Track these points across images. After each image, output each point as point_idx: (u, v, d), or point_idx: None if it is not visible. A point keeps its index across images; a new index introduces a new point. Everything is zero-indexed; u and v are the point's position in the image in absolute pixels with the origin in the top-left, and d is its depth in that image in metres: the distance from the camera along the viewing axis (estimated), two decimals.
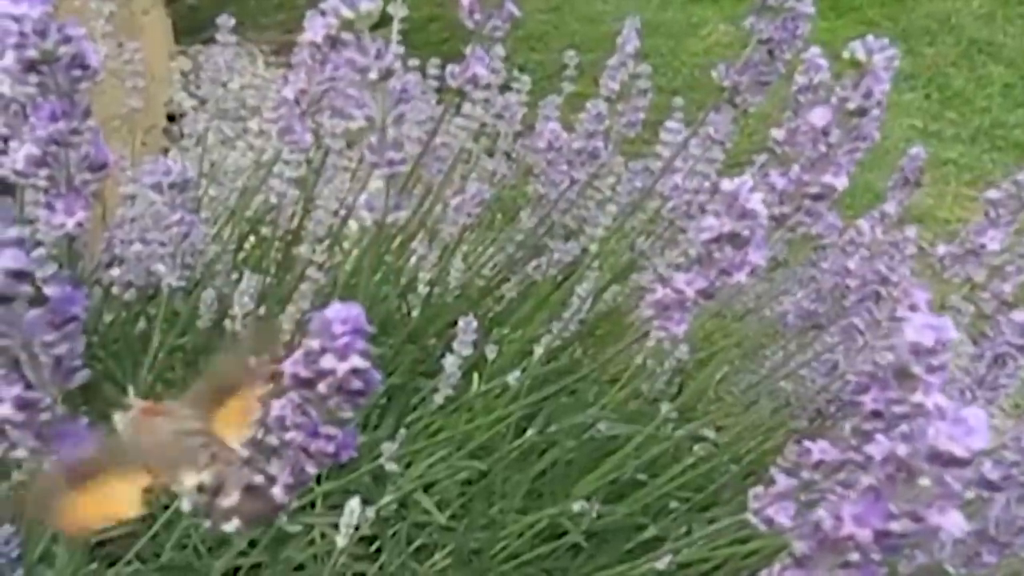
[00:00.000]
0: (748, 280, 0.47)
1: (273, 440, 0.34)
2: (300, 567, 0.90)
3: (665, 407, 0.99)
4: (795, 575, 0.33)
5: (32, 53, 0.33)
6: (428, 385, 1.02)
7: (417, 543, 0.93)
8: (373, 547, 0.96)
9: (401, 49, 0.88)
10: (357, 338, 0.30)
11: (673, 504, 1.06)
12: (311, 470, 0.35)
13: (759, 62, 0.65)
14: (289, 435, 0.33)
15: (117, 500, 0.35)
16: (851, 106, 0.46)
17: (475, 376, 0.96)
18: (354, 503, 0.56)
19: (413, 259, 1.09)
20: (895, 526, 0.29)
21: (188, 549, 0.81)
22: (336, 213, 0.83)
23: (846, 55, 0.47)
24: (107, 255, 0.91)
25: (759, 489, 0.49)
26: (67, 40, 0.33)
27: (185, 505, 0.36)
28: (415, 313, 0.98)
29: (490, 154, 1.14)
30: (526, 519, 0.89)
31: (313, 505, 0.91)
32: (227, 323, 0.80)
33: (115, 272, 0.84)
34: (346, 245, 1.06)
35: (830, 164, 0.46)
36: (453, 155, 1.03)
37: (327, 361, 0.30)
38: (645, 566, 0.78)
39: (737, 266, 0.44)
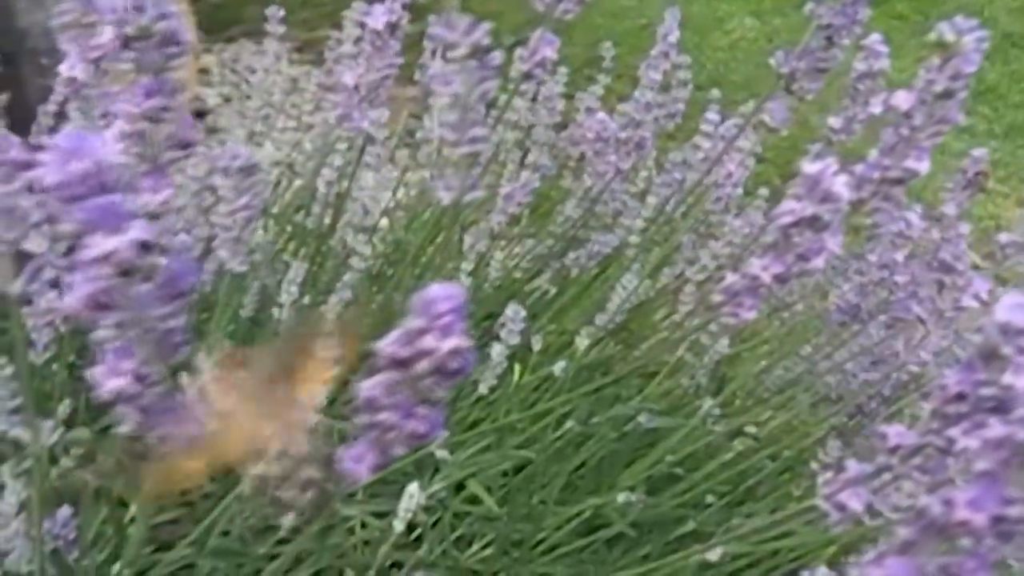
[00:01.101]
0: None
1: (364, 420, 0.34)
2: (340, 555, 0.91)
3: (708, 402, 0.99)
4: (895, 562, 0.33)
5: (129, 29, 0.33)
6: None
7: (457, 533, 0.93)
8: (412, 536, 0.97)
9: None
10: (458, 318, 0.30)
11: (709, 499, 1.06)
12: (399, 451, 0.35)
13: (817, 48, 0.64)
14: (381, 416, 0.33)
15: (191, 464, 0.34)
16: (937, 88, 0.45)
17: (515, 368, 0.96)
18: (413, 487, 0.55)
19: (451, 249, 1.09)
20: (1012, 511, 0.28)
21: (234, 535, 0.82)
22: (381, 202, 0.83)
23: (932, 36, 0.46)
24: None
25: (828, 475, 0.48)
26: (163, 17, 0.33)
27: (244, 487, 0.35)
28: None
29: (520, 145, 1.13)
30: (570, 510, 0.88)
31: (352, 495, 0.92)
32: (274, 311, 0.80)
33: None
34: (374, 239, 1.07)
35: (912, 148, 0.46)
36: (492, 145, 1.03)
37: (428, 341, 0.30)
38: (693, 558, 0.78)
39: (815, 251, 0.43)
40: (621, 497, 0.83)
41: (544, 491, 0.97)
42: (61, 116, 1.24)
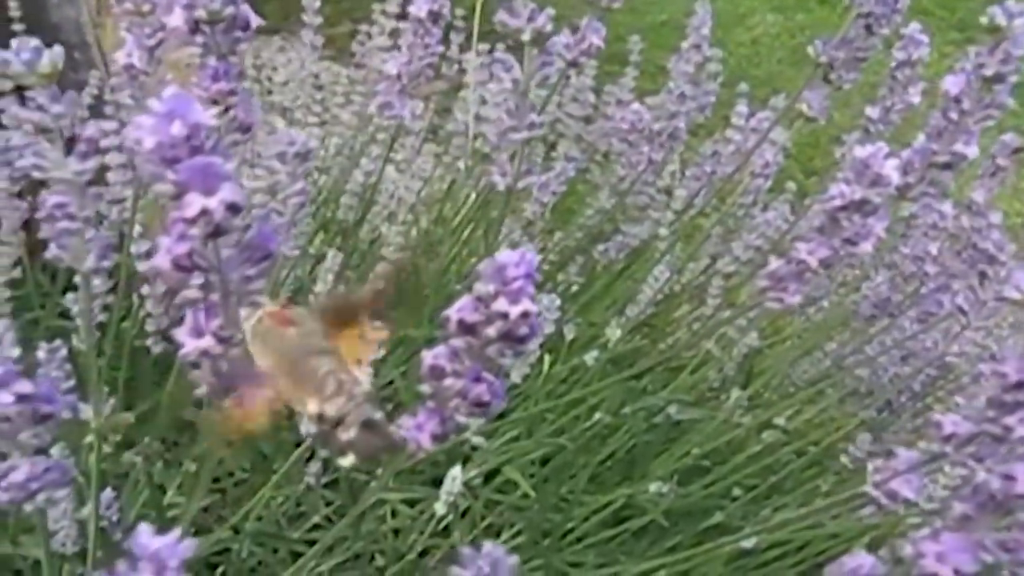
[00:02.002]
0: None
1: (427, 388, 0.35)
2: (373, 541, 0.92)
3: (736, 393, 0.99)
4: (952, 538, 0.33)
5: (200, 13, 0.34)
6: None
7: (487, 522, 0.94)
8: (442, 525, 0.97)
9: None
10: (529, 283, 0.30)
11: (735, 492, 1.06)
12: (462, 419, 0.36)
13: (855, 37, 0.64)
14: (447, 382, 0.34)
15: (245, 412, 0.34)
16: (987, 72, 0.46)
17: (545, 358, 0.97)
18: (456, 470, 0.56)
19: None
20: None
21: (270, 521, 0.83)
22: (412, 193, 0.84)
23: (983, 20, 0.46)
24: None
25: (879, 462, 0.49)
26: (232, 1, 0.34)
27: (304, 429, 0.35)
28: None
29: (544, 140, 1.14)
30: (600, 499, 0.89)
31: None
32: (310, 299, 0.81)
33: None
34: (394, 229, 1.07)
35: (961, 132, 0.46)
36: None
37: (500, 304, 0.30)
38: (723, 548, 0.78)
39: (863, 235, 0.44)
40: (653, 487, 0.84)
41: (572, 481, 0.98)
42: (99, 105, 1.25)
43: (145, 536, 0.19)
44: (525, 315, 0.31)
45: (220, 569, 0.84)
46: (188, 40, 0.36)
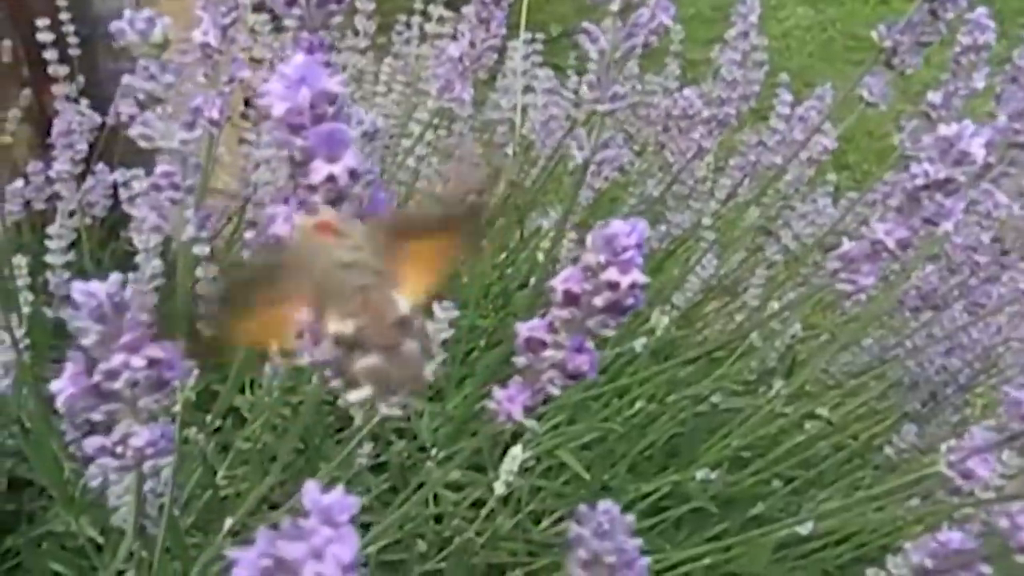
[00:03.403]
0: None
1: (522, 360, 0.35)
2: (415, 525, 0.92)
3: (778, 384, 0.99)
4: None
5: None
6: None
7: (530, 507, 0.94)
8: (484, 510, 0.98)
9: None
10: (639, 253, 0.31)
11: (775, 484, 1.06)
12: (555, 391, 0.36)
13: (920, 22, 0.64)
14: (546, 353, 0.34)
15: (273, 324, 0.31)
16: None
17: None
18: (516, 449, 0.57)
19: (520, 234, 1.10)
20: None
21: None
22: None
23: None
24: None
25: (952, 442, 0.48)
26: None
27: (321, 353, 0.30)
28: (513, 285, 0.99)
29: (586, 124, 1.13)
30: (646, 486, 0.89)
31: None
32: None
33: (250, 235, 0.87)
34: None
35: None
36: (562, 124, 1.04)
37: (610, 274, 0.30)
38: (772, 536, 0.78)
39: (944, 214, 0.44)
40: (700, 474, 0.84)
41: (614, 469, 0.98)
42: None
43: (314, 492, 0.20)
44: (633, 285, 0.31)
45: None
46: (284, 12, 0.36)
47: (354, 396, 0.30)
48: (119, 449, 0.30)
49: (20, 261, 0.71)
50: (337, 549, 0.19)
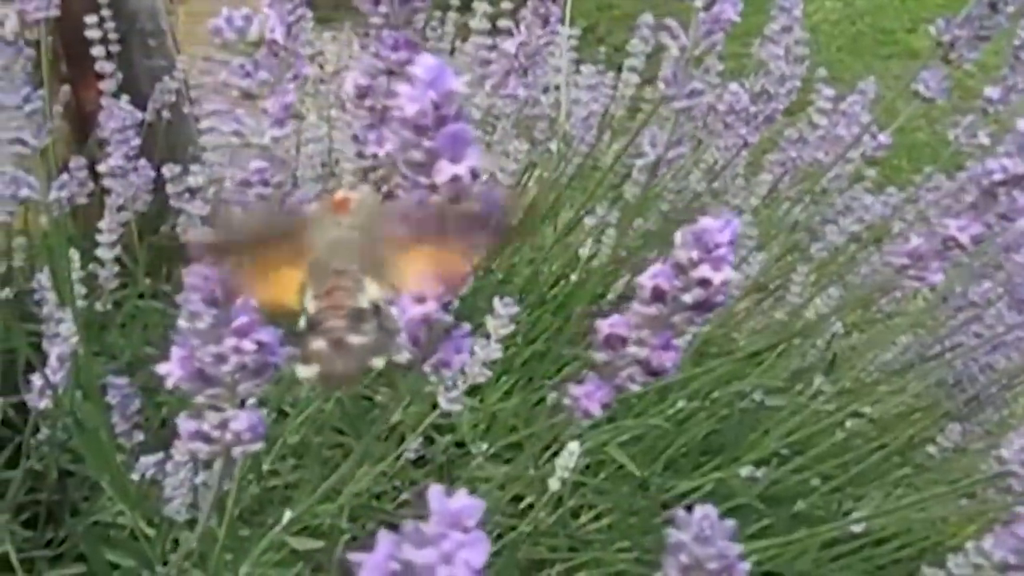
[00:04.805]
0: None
1: (603, 356, 0.35)
2: None
3: (818, 380, 0.98)
4: None
5: None
6: (571, 352, 1.03)
7: (570, 503, 0.94)
8: (521, 505, 0.98)
9: None
10: (731, 251, 0.31)
11: (814, 482, 1.05)
12: (634, 387, 0.36)
13: (978, 16, 0.63)
14: (630, 350, 0.34)
15: (281, 285, 0.31)
16: None
17: None
18: (573, 445, 0.57)
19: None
20: None
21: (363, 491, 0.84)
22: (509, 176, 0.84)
23: None
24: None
25: (1011, 436, 0.48)
26: None
27: (301, 324, 0.30)
28: (572, 279, 0.99)
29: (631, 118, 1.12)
30: (687, 483, 0.89)
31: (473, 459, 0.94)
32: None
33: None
34: None
35: None
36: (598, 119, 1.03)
37: (702, 271, 0.30)
38: (826, 533, 0.77)
39: (1020, 211, 0.43)
40: (745, 471, 0.83)
41: (652, 466, 0.98)
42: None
43: (440, 496, 0.20)
44: (725, 283, 0.31)
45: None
46: (370, 11, 0.37)
47: (301, 372, 0.30)
48: (216, 434, 0.31)
49: (74, 255, 0.72)
50: (468, 554, 0.19)
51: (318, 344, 0.29)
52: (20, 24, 0.44)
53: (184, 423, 0.31)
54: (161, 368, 0.28)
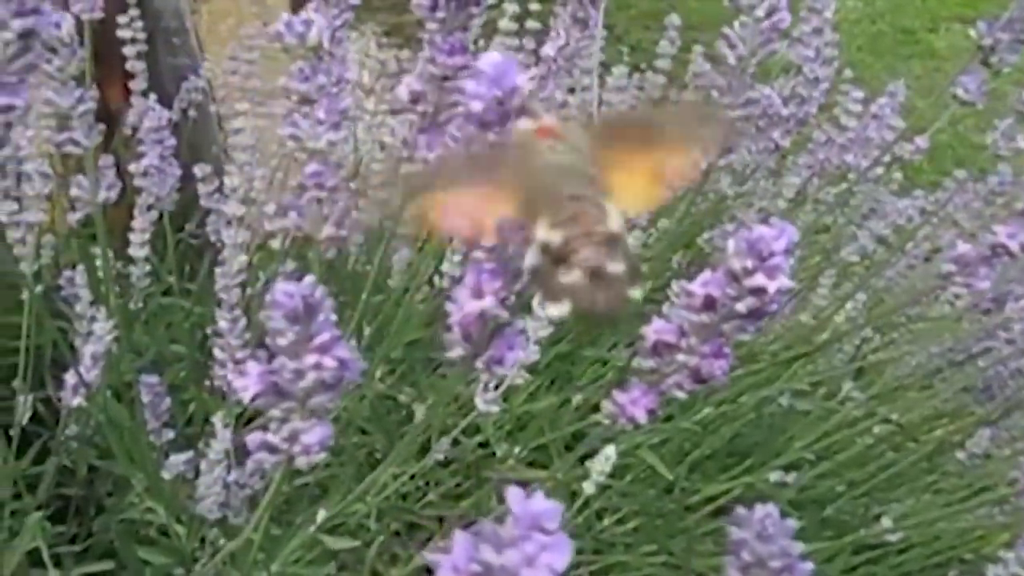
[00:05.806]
0: None
1: (649, 363, 0.35)
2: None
3: (847, 385, 0.97)
4: None
5: None
6: (593, 354, 1.02)
7: (596, 506, 0.94)
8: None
9: None
10: (787, 259, 0.30)
11: (839, 488, 1.04)
12: (680, 395, 0.36)
13: (1020, 19, 0.62)
14: (678, 357, 0.34)
15: (479, 214, 0.29)
16: None
17: None
18: (610, 449, 0.56)
19: None
20: None
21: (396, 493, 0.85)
22: None
23: None
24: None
25: None
26: None
27: (528, 260, 0.28)
28: None
29: None
30: (716, 487, 0.88)
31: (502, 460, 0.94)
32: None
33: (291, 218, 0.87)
34: None
35: None
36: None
37: (756, 280, 0.30)
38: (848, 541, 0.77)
39: None
40: (774, 476, 0.83)
41: (676, 469, 0.97)
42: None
43: (521, 498, 0.20)
44: (780, 291, 0.31)
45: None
46: (427, 16, 0.37)
47: (552, 311, 0.28)
48: (285, 446, 0.31)
49: (109, 252, 0.72)
50: (550, 557, 0.19)
51: (572, 277, 0.27)
52: (76, 26, 0.45)
53: (251, 435, 0.32)
54: (237, 383, 0.28)
